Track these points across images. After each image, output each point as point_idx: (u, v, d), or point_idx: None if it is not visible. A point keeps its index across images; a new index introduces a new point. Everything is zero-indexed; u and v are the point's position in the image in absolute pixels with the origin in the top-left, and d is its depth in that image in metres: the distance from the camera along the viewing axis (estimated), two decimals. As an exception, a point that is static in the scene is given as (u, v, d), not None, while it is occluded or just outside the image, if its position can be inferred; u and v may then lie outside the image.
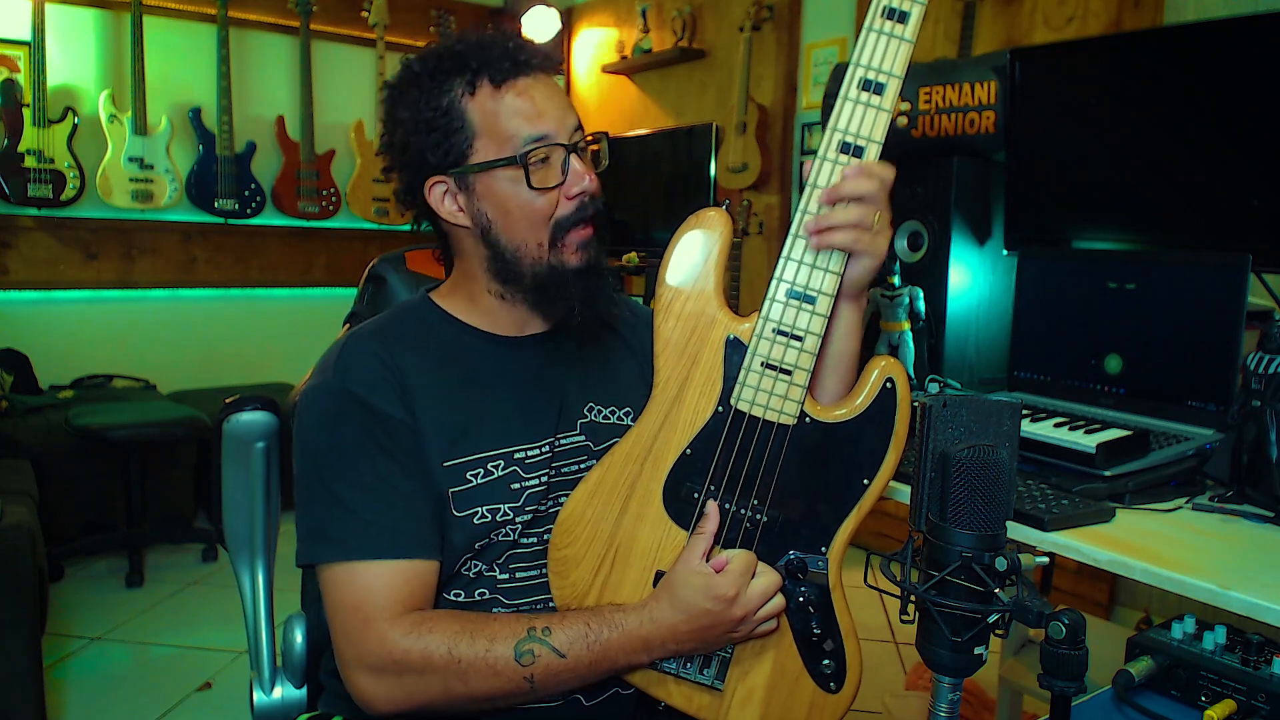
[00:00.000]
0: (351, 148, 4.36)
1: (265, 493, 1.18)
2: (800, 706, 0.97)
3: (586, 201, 0.98)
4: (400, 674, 0.90)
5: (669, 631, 0.90)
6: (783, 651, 0.96)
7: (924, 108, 1.63)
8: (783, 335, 0.91)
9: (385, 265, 1.27)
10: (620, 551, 0.96)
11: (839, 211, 0.88)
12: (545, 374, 1.05)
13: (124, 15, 3.75)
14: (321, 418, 0.98)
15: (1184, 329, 1.27)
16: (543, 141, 0.95)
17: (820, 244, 0.89)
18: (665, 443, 0.95)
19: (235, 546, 1.20)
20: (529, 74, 0.97)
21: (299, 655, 1.15)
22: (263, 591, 1.20)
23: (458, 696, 0.91)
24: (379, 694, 0.91)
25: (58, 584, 3.00)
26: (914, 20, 0.88)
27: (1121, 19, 2.66)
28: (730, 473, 0.94)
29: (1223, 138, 1.31)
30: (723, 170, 3.83)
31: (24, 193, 3.54)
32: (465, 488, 0.98)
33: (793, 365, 0.91)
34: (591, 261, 0.99)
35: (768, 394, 0.92)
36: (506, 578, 1.00)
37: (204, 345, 4.15)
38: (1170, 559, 0.91)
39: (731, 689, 0.97)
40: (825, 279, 0.90)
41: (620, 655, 0.92)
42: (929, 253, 1.62)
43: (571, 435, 1.05)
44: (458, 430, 0.99)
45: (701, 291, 0.95)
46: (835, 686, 0.96)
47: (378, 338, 1.01)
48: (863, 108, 0.89)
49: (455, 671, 0.89)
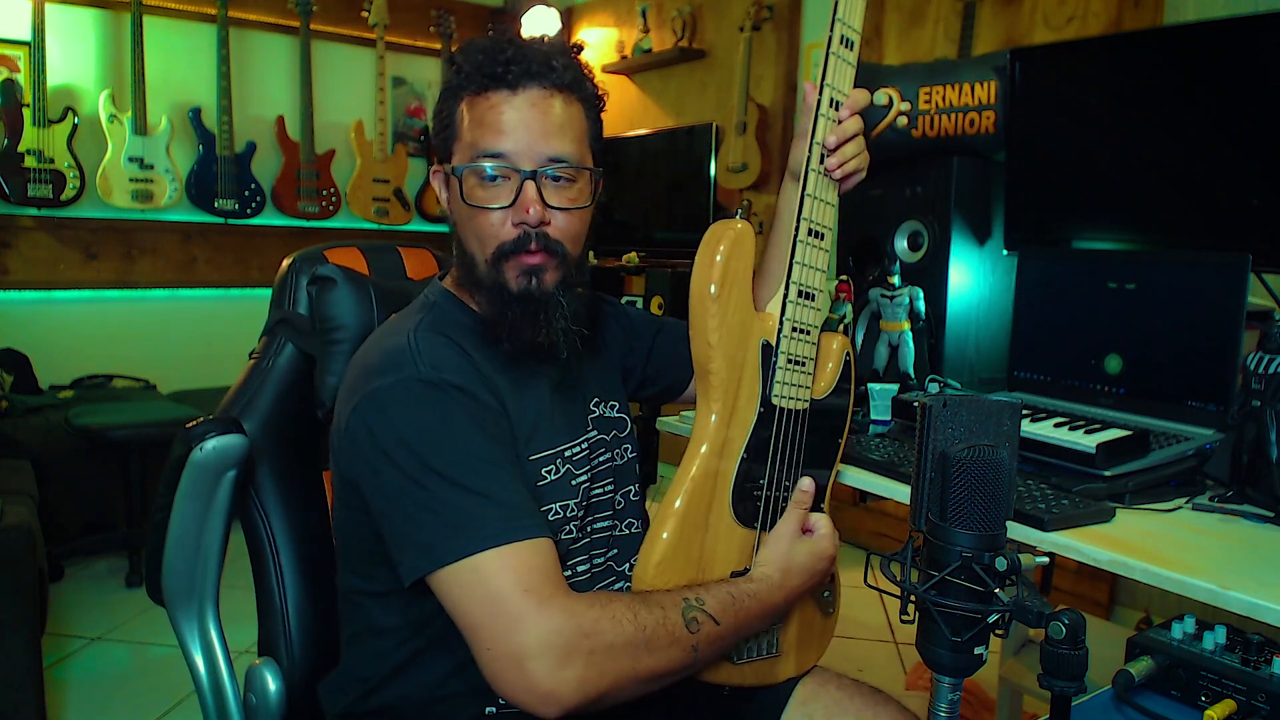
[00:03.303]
0: (351, 148, 4.36)
1: (225, 530, 1.05)
2: (814, 634, 1.14)
3: (529, 232, 0.94)
4: (591, 650, 0.82)
5: (789, 594, 1.01)
6: (804, 599, 1.10)
7: (924, 108, 1.63)
8: (797, 331, 1.03)
9: (305, 264, 1.17)
10: (704, 569, 1.01)
11: (849, 147, 1.02)
12: (567, 372, 1.04)
13: (124, 15, 3.75)
14: (421, 410, 0.89)
15: (1184, 329, 1.27)
16: (497, 160, 0.93)
17: (849, 183, 1.05)
18: (729, 454, 1.01)
19: (176, 597, 1.04)
20: (513, 90, 0.94)
21: (275, 704, 1.04)
22: (218, 644, 1.06)
23: (641, 674, 0.85)
24: (569, 678, 0.80)
25: (58, 584, 3.00)
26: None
27: (1121, 19, 2.66)
28: (776, 462, 1.04)
29: (1223, 138, 1.31)
30: (723, 170, 3.83)
31: (24, 193, 3.54)
32: (543, 483, 0.97)
33: (806, 357, 1.04)
34: (530, 290, 0.94)
35: (794, 386, 1.04)
36: (569, 574, 1.00)
37: (204, 345, 4.15)
38: (1170, 559, 0.91)
39: (783, 648, 1.09)
40: (819, 277, 1.03)
41: (756, 622, 0.97)
42: (929, 253, 1.62)
43: (590, 431, 1.07)
44: (531, 427, 0.98)
45: (741, 303, 1.00)
46: (832, 610, 1.16)
47: (439, 332, 0.96)
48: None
49: (641, 641, 0.85)
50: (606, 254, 4.29)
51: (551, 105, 0.95)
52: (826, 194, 1.03)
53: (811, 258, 1.02)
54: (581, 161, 0.97)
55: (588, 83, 1.00)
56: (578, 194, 0.97)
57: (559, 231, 0.96)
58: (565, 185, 0.96)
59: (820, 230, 1.02)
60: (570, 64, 0.97)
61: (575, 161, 0.96)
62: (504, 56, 0.93)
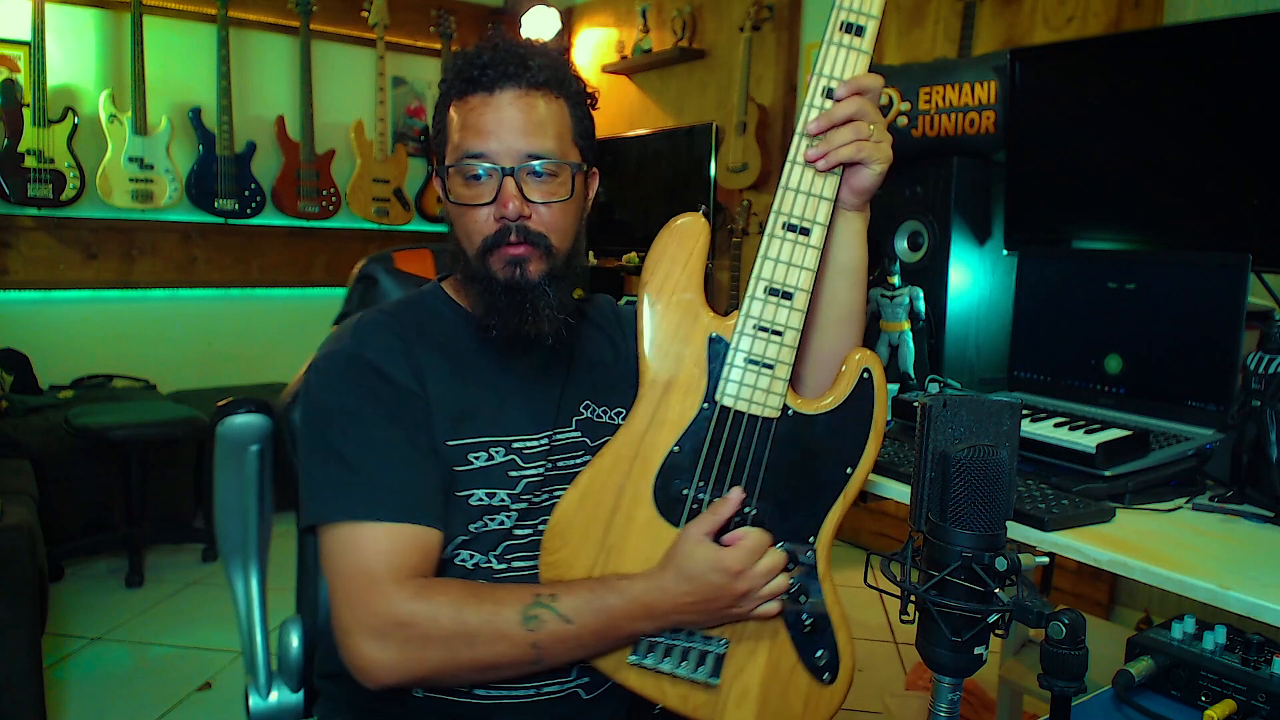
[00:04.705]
0: (351, 148, 4.36)
1: (259, 496, 1.17)
2: (796, 700, 0.97)
3: (510, 226, 0.98)
4: (405, 639, 0.89)
5: (673, 601, 0.91)
6: (777, 645, 0.97)
7: (924, 108, 1.63)
8: (763, 331, 0.94)
9: (375, 265, 1.27)
10: (613, 553, 0.96)
11: (836, 134, 0.92)
12: (545, 369, 1.08)
13: (124, 15, 3.75)
14: (334, 381, 0.99)
15: (1184, 329, 1.27)
16: (477, 159, 0.97)
17: (827, 163, 0.93)
18: (653, 442, 0.96)
19: (228, 550, 1.18)
20: (490, 92, 0.98)
21: (295, 659, 1.15)
22: (256, 595, 1.19)
23: (464, 663, 0.90)
24: (383, 660, 0.89)
25: (58, 584, 3.00)
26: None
27: (1121, 19, 2.66)
28: (718, 468, 0.95)
29: (1223, 138, 1.31)
30: (723, 170, 3.83)
31: (24, 193, 3.54)
32: (467, 469, 0.99)
33: (774, 359, 0.94)
34: (516, 279, 0.98)
35: (751, 388, 0.95)
36: (504, 568, 1.01)
37: (204, 345, 4.15)
38: (1170, 559, 0.91)
39: (727, 685, 0.97)
40: (801, 275, 0.94)
41: (626, 623, 0.92)
42: (929, 253, 1.61)
43: (568, 431, 1.07)
44: (462, 413, 1.01)
45: (683, 293, 0.97)
46: (829, 677, 0.97)
47: (392, 316, 1.04)
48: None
49: (461, 636, 0.89)
50: (606, 254, 4.30)
51: (529, 104, 0.98)
52: (810, 186, 0.94)
53: (787, 253, 0.94)
54: (563, 157, 1.00)
55: (571, 80, 1.02)
56: (559, 188, 1.00)
57: (541, 224, 0.99)
58: (547, 180, 0.99)
59: (801, 225, 0.94)
60: (548, 63, 1.00)
61: (555, 157, 0.99)
62: (481, 61, 0.98)
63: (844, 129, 0.93)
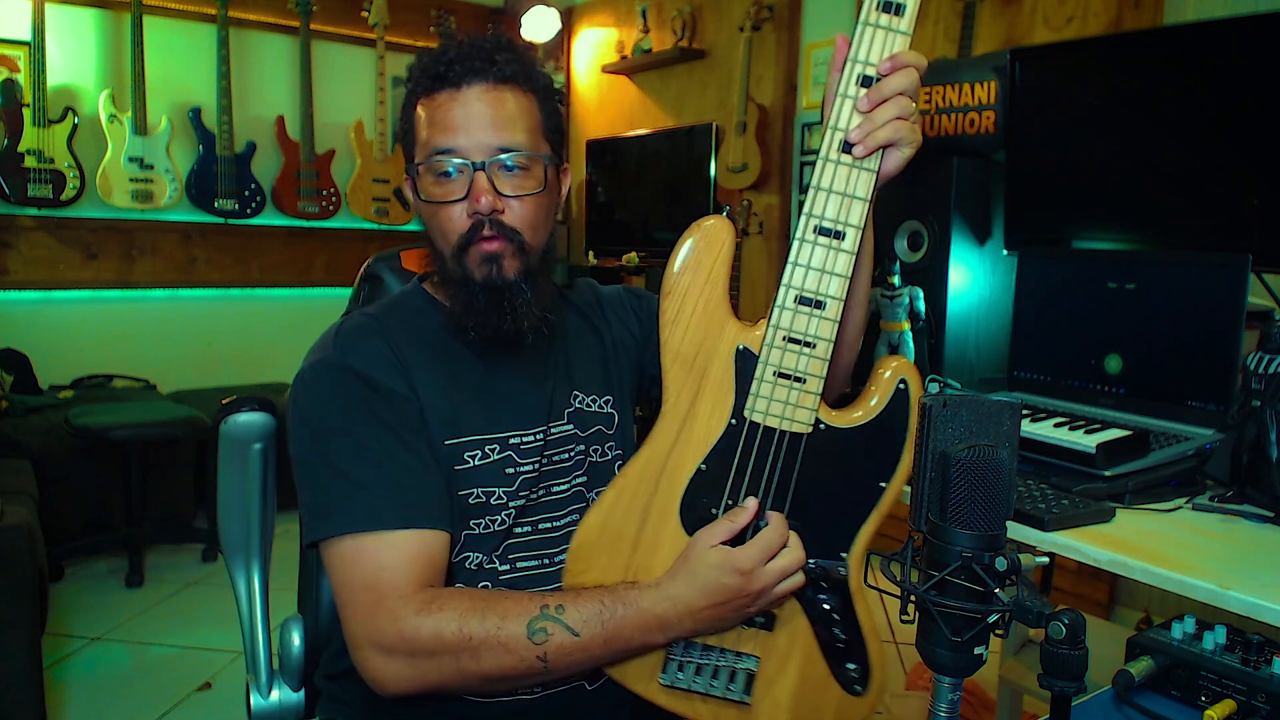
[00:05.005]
0: (351, 148, 4.36)
1: (262, 494, 1.17)
2: (828, 712, 0.96)
3: (483, 220, 0.97)
4: (412, 654, 0.88)
5: (685, 609, 0.89)
6: (808, 659, 0.95)
7: (924, 108, 1.63)
8: (794, 343, 0.89)
9: (380, 265, 1.26)
10: (640, 574, 0.94)
11: (881, 111, 0.85)
12: (534, 362, 1.07)
13: (124, 15, 3.75)
14: (322, 393, 0.97)
15: (1184, 329, 1.27)
16: (447, 155, 0.96)
17: (866, 147, 0.86)
18: (679, 460, 0.93)
19: (231, 548, 1.18)
20: (457, 87, 0.97)
21: (296, 658, 1.15)
22: (259, 594, 1.19)
23: (471, 676, 0.89)
24: (391, 674, 0.89)
25: (58, 584, 3.00)
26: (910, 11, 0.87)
27: (1121, 19, 2.66)
28: (748, 486, 0.92)
29: (1223, 138, 1.31)
30: (723, 170, 3.83)
31: (24, 193, 3.54)
32: (464, 468, 0.99)
33: (805, 373, 0.89)
34: (492, 278, 0.97)
35: (781, 403, 0.90)
36: (507, 569, 1.01)
37: (204, 345, 4.15)
38: (1170, 559, 0.91)
39: (759, 701, 0.95)
40: (833, 283, 0.88)
41: (636, 634, 0.90)
42: (929, 253, 1.61)
43: (561, 425, 1.07)
44: (456, 411, 1.00)
45: (707, 302, 0.92)
46: (861, 689, 0.96)
47: (376, 320, 1.03)
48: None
49: (467, 650, 0.88)
50: (606, 254, 4.30)
51: (498, 99, 0.98)
52: (845, 185, 0.87)
53: (818, 259, 0.87)
54: (534, 150, 0.99)
55: (538, 75, 1.02)
56: (531, 181, 0.99)
57: (515, 218, 0.98)
58: (519, 174, 0.98)
59: (835, 229, 0.87)
60: (514, 58, 0.99)
61: (527, 149, 0.98)
62: (447, 57, 0.97)
63: (889, 105, 0.85)
